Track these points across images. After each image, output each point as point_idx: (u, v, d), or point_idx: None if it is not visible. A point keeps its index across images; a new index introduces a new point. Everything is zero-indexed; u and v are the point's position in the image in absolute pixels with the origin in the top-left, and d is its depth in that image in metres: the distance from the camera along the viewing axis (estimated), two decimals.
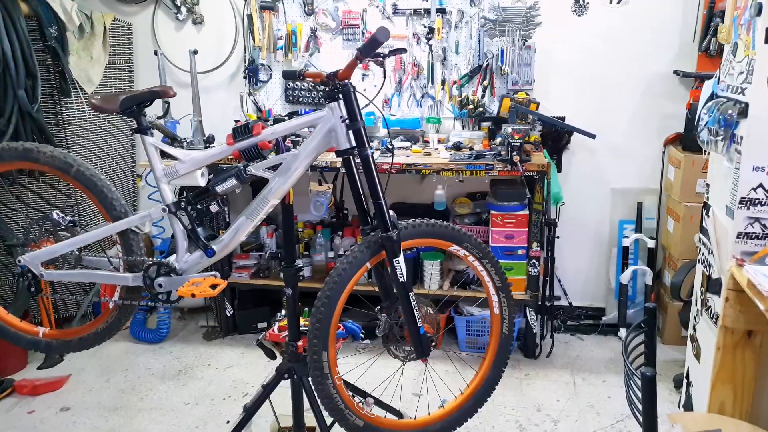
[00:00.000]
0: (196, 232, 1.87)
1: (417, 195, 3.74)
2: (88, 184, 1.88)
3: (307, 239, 3.65)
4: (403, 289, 1.80)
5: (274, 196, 1.82)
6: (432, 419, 1.99)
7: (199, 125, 3.36)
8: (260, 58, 3.68)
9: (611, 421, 2.76)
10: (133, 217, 1.89)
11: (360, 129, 1.75)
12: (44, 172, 1.91)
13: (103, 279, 1.96)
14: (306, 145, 1.79)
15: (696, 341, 1.90)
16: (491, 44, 3.43)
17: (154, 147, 1.87)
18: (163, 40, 3.81)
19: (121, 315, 2.02)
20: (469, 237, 1.92)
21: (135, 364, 3.34)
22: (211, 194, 1.84)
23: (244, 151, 1.79)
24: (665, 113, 3.41)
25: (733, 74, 1.65)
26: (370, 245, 1.80)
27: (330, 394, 1.78)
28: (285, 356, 2.29)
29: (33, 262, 1.92)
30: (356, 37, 3.58)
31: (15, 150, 1.88)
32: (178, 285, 1.87)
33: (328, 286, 1.75)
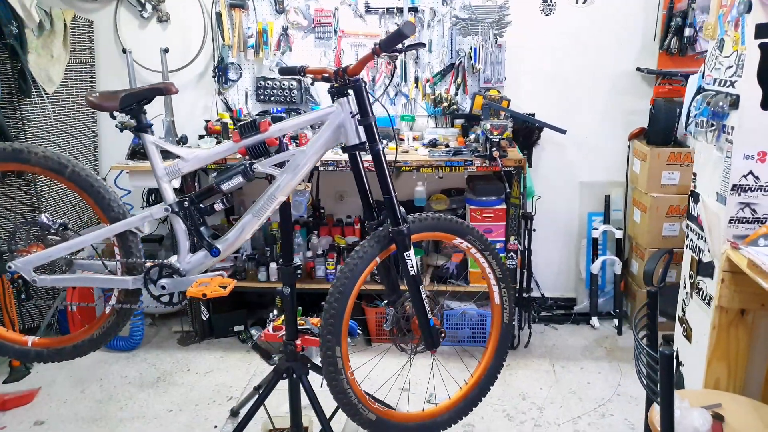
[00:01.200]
0: (200, 232, 1.83)
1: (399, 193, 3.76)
2: (83, 185, 1.81)
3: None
4: (414, 283, 1.82)
5: (282, 193, 1.81)
6: (439, 410, 2.01)
7: (172, 125, 3.28)
8: (230, 57, 3.62)
9: (594, 406, 2.86)
10: (133, 217, 1.83)
11: (371, 124, 1.76)
12: (35, 174, 1.81)
13: (101, 283, 1.89)
14: (314, 142, 1.78)
15: (686, 323, 2.00)
16: (463, 42, 3.49)
17: (154, 145, 1.82)
18: (127, 38, 3.68)
19: (119, 319, 1.95)
20: (471, 230, 1.96)
21: (109, 373, 3.22)
22: (216, 192, 1.81)
23: (250, 148, 1.76)
24: (629, 109, 3.56)
25: (720, 68, 1.75)
26: (380, 240, 1.81)
27: (344, 389, 1.78)
28: (282, 356, 2.27)
29: (25, 267, 1.83)
30: (328, 35, 3.57)
31: (2, 151, 1.78)
32: (182, 286, 1.83)
33: (339, 281, 1.75)
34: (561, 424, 2.73)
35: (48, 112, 3.36)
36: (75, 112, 3.60)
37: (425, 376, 2.82)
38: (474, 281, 3.33)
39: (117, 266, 1.89)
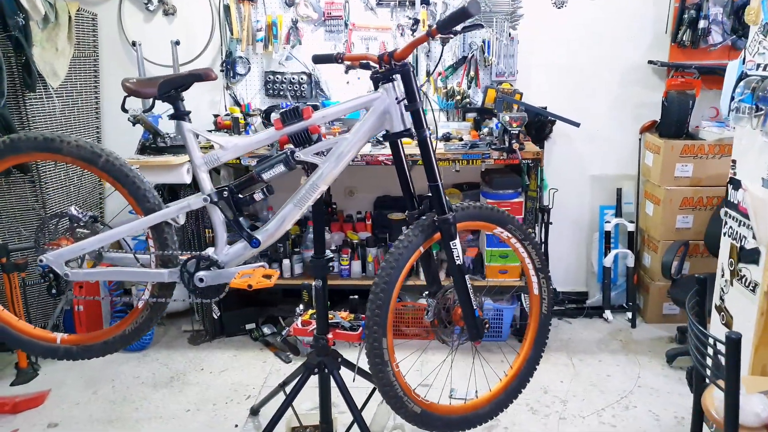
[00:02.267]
0: (239, 223, 1.78)
1: None
2: (118, 176, 1.75)
3: (293, 235, 3.55)
4: (459, 272, 1.79)
5: (324, 182, 1.76)
6: (481, 402, 1.99)
7: None
8: (238, 51, 3.56)
9: (616, 398, 2.86)
10: (170, 208, 1.77)
11: (419, 110, 1.72)
12: (66, 164, 1.75)
13: (136, 276, 1.83)
14: (358, 128, 1.75)
15: (725, 311, 2.00)
16: (475, 36, 3.47)
17: (192, 133, 1.76)
18: (131, 31, 3.61)
19: (152, 314, 1.89)
20: (512, 219, 1.94)
21: (120, 373, 3.14)
22: (257, 182, 1.76)
23: (292, 135, 1.72)
24: (640, 102, 3.57)
25: (765, 53, 1.75)
26: (424, 229, 1.77)
27: (390, 381, 1.74)
28: (313, 350, 2.23)
29: (57, 261, 1.76)
30: (339, 28, 3.53)
31: (34, 140, 1.71)
32: (222, 279, 1.78)
33: (385, 271, 1.71)
34: (585, 417, 2.72)
35: (54, 107, 3.26)
36: (79, 108, 3.52)
37: (443, 370, 2.81)
38: (490, 275, 3.31)
39: (151, 259, 1.83)
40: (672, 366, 3.12)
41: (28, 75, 3.11)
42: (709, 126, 3.37)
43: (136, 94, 1.75)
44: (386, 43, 3.52)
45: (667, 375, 3.05)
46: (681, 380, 3.00)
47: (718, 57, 3.40)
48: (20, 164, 2.41)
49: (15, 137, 1.72)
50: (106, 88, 3.69)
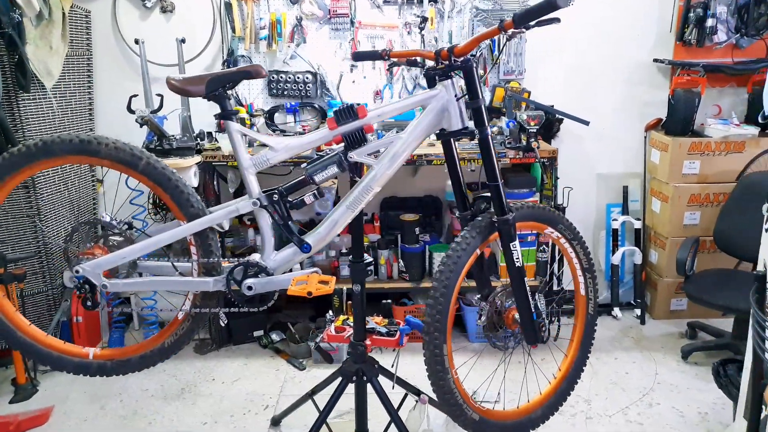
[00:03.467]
0: (289, 227, 1.70)
1: (409, 188, 3.69)
2: (159, 179, 1.64)
3: None
4: (518, 274, 1.75)
5: (378, 184, 1.70)
6: (533, 406, 1.95)
7: (188, 121, 3.09)
8: (240, 49, 3.45)
9: (638, 396, 2.86)
10: (216, 213, 1.68)
11: (481, 107, 1.67)
12: (103, 167, 1.64)
13: (178, 286, 1.73)
14: (415, 127, 1.69)
15: None
16: None
17: (240, 134, 1.67)
18: (127, 29, 3.47)
19: (193, 325, 1.79)
20: (562, 219, 1.91)
21: (127, 386, 3.00)
22: (308, 184, 1.68)
23: (346, 135, 1.65)
24: (645, 100, 3.60)
25: None
26: (482, 230, 1.72)
27: (451, 389, 1.69)
28: (349, 357, 2.16)
29: (94, 271, 1.65)
30: (345, 26, 3.45)
31: (69, 143, 1.60)
32: (272, 286, 1.70)
33: (443, 275, 1.66)
34: (612, 416, 2.71)
35: (49, 108, 3.11)
36: (72, 108, 3.36)
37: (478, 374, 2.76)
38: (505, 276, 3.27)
39: (193, 267, 1.73)
40: (687, 362, 3.15)
41: (23, 75, 2.95)
42: (714, 123, 3.42)
43: (182, 92, 1.65)
44: (393, 42, 3.47)
45: (683, 371, 3.08)
46: (698, 376, 3.03)
47: (721, 55, 3.45)
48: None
49: (48, 140, 1.60)
50: (100, 87, 3.54)
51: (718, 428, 2.64)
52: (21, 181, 1.68)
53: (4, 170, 1.62)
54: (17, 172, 1.62)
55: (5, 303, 1.73)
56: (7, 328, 1.72)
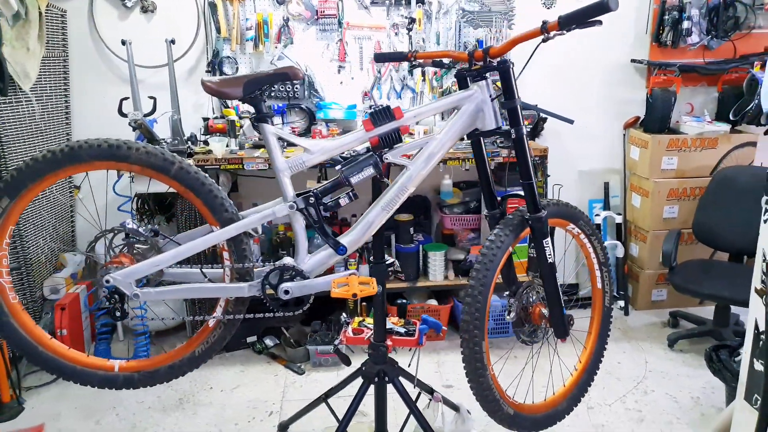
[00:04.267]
0: (325, 230, 1.68)
1: None
2: (192, 185, 1.60)
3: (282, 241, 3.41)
4: (550, 270, 1.79)
5: (413, 184, 1.70)
6: (558, 398, 2.00)
7: (179, 123, 3.02)
8: (226, 50, 3.39)
9: (633, 384, 2.96)
10: (252, 218, 1.64)
11: (516, 107, 1.70)
12: (133, 173, 1.57)
13: (212, 293, 1.68)
14: (450, 127, 1.70)
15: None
16: (468, 35, 3.49)
17: (276, 137, 1.64)
18: (105, 30, 3.35)
19: (225, 332, 1.75)
20: (582, 215, 1.96)
21: (121, 399, 2.90)
22: (345, 186, 1.67)
23: (383, 136, 1.65)
24: (623, 99, 3.73)
25: None
26: (514, 227, 1.75)
27: (489, 385, 1.71)
28: (369, 359, 2.15)
29: (126, 280, 1.58)
30: (332, 27, 3.44)
31: (97, 148, 1.53)
32: (310, 290, 1.67)
33: (480, 273, 1.68)
34: (611, 404, 2.80)
35: (28, 111, 2.97)
36: (48, 111, 3.22)
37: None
38: None
39: (225, 273, 1.69)
40: (674, 350, 3.28)
41: (0, 78, 2.81)
42: (689, 121, 3.58)
43: (219, 95, 1.61)
44: (381, 43, 3.48)
45: (671, 359, 3.21)
46: (685, 362, 3.16)
47: (693, 56, 3.61)
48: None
49: (75, 145, 1.53)
50: (77, 90, 3.41)
51: (711, 411, 2.76)
52: (44, 189, 1.60)
53: (27, 177, 1.54)
54: (41, 180, 1.55)
55: (25, 316, 1.65)
56: (27, 344, 1.64)
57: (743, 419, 2.32)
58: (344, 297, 1.59)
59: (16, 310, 1.63)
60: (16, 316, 1.63)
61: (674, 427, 2.67)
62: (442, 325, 2.20)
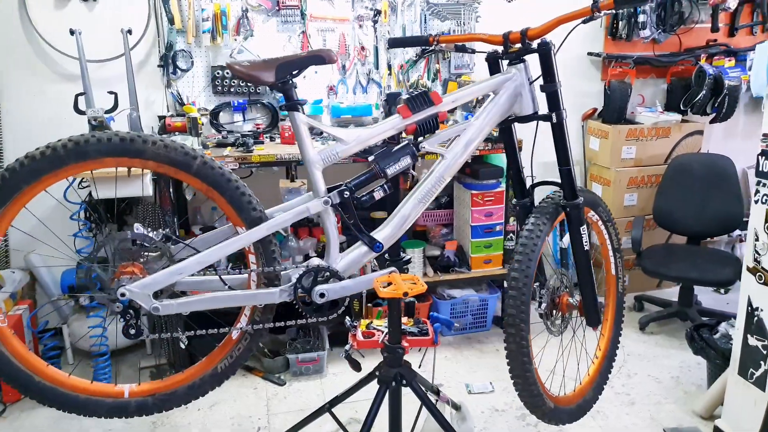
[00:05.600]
0: (359, 226, 1.56)
1: None
2: (217, 182, 1.42)
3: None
4: (585, 257, 1.76)
5: (450, 173, 1.62)
6: (585, 388, 1.98)
7: (138, 121, 2.76)
8: (181, 43, 3.15)
9: (616, 368, 2.93)
10: (284, 216, 1.48)
11: (557, 91, 1.65)
12: (148, 170, 1.37)
13: (241, 300, 1.50)
14: (487, 112, 1.63)
15: (764, 271, 2.20)
16: (432, 28, 3.44)
17: (306, 126, 1.49)
18: (40, 20, 3.01)
19: (251, 344, 1.57)
20: (602, 202, 1.95)
21: (85, 428, 2.61)
22: (380, 178, 1.55)
23: (422, 123, 1.54)
24: (580, 91, 3.81)
25: None
26: (550, 215, 1.71)
27: (535, 380, 1.65)
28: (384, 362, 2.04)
29: (144, 292, 1.38)
30: (294, 18, 3.28)
31: (107, 142, 1.32)
32: (348, 291, 1.54)
33: (523, 264, 1.61)
34: None
35: None
36: None
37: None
38: (475, 267, 3.32)
39: (251, 278, 1.53)
40: (645, 332, 3.39)
41: None
42: (643, 111, 3.71)
43: (251, 79, 1.44)
44: (345, 35, 3.36)
45: (644, 341, 3.31)
46: (658, 344, 3.27)
47: (644, 49, 3.75)
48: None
49: (80, 139, 1.32)
50: (6, 86, 3.05)
51: (692, 389, 2.86)
52: (41, 191, 1.37)
53: (21, 179, 1.31)
54: (37, 181, 1.32)
55: (15, 342, 1.41)
56: (20, 374, 1.40)
57: (738, 392, 2.41)
58: (394, 297, 1.47)
59: (6, 335, 1.39)
60: (6, 343, 1.39)
61: (662, 406, 2.74)
62: (453, 322, 2.12)
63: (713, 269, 3.18)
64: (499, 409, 2.74)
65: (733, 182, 3.41)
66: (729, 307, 3.68)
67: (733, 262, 3.22)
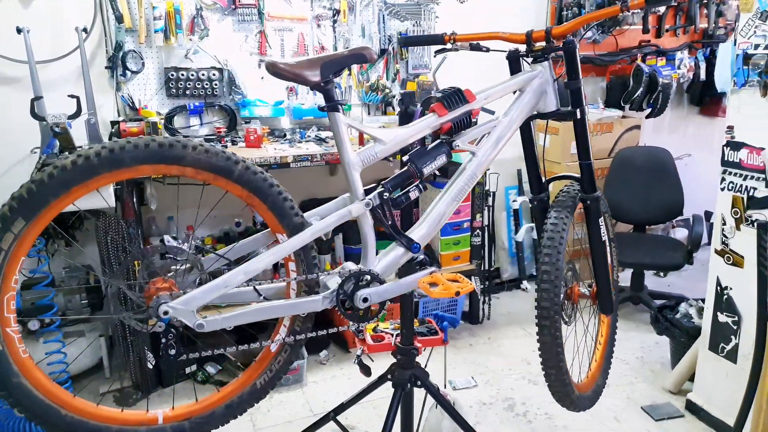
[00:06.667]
0: (397, 227, 1.52)
1: (326, 189, 3.52)
2: (259, 186, 1.32)
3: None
4: (603, 248, 1.81)
5: (482, 171, 1.62)
6: (595, 374, 2.03)
7: (97, 128, 2.56)
8: (130, 43, 2.95)
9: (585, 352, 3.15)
10: (327, 220, 1.40)
11: (581, 88, 1.69)
12: (184, 177, 1.25)
13: (283, 310, 1.41)
14: (516, 108, 1.65)
15: (731, 253, 2.38)
16: (391, 29, 3.44)
17: (347, 127, 1.43)
18: None
19: (291, 356, 1.49)
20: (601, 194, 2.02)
21: None
22: (417, 178, 1.52)
23: (457, 121, 1.53)
24: None
25: (765, 35, 2.14)
26: (570, 208, 1.75)
27: (566, 370, 1.69)
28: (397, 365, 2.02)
29: (188, 309, 1.27)
30: (251, 17, 3.16)
31: (144, 148, 1.20)
32: (389, 294, 1.50)
33: (552, 257, 1.64)
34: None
35: None
36: None
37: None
38: (445, 263, 3.35)
39: (291, 286, 1.45)
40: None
41: None
42: (588, 108, 3.90)
43: (297, 78, 1.34)
44: (304, 35, 3.28)
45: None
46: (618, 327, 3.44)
47: (586, 49, 3.95)
48: None
49: (115, 146, 1.19)
50: None
51: (657, 367, 3.05)
52: (69, 205, 1.22)
53: (49, 192, 1.16)
54: (66, 193, 1.18)
55: (38, 374, 1.25)
56: (46, 408, 1.25)
57: (709, 366, 2.60)
58: (446, 297, 1.45)
59: (28, 367, 1.24)
60: (28, 375, 1.23)
61: (636, 386, 2.89)
62: (458, 320, 2.12)
63: (665, 254, 3.40)
64: (487, 403, 2.78)
65: (672, 173, 3.67)
66: (671, 289, 3.97)
67: (680, 246, 3.46)
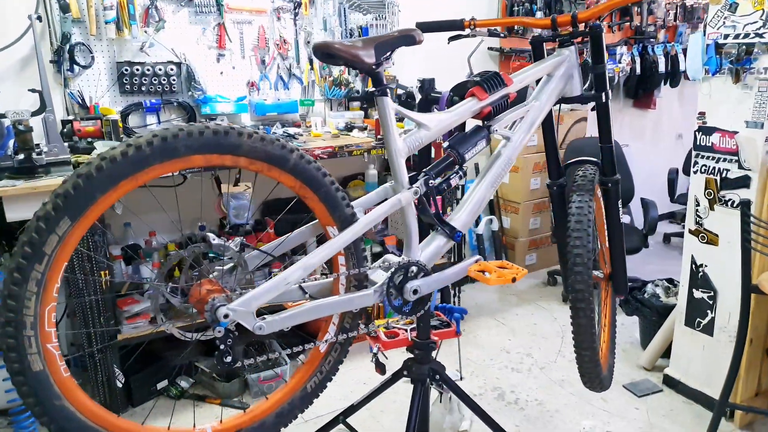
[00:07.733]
0: (440, 215, 1.47)
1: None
2: (313, 176, 1.22)
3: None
4: (620, 229, 1.84)
5: (516, 155, 1.60)
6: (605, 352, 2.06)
7: (54, 125, 2.32)
8: (78, 35, 2.71)
9: (559, 339, 3.25)
10: (377, 211, 1.32)
11: (605, 72, 1.70)
12: (234, 168, 1.12)
13: (338, 307, 1.30)
14: (547, 92, 1.63)
15: (705, 231, 2.51)
16: (353, 21, 3.38)
17: (394, 112, 1.36)
18: None
19: (341, 355, 1.39)
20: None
21: None
22: (458, 164, 1.47)
23: (495, 105, 1.50)
24: None
25: (737, 25, 2.27)
26: (591, 191, 1.76)
27: (599, 351, 1.71)
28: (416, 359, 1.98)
29: (247, 311, 1.14)
30: (209, 9, 3.00)
31: (199, 136, 1.07)
32: (437, 284, 1.44)
33: (583, 240, 1.64)
34: (556, 360, 3.03)
35: None
36: None
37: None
38: None
39: (340, 281, 1.35)
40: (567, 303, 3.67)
41: None
42: None
43: (352, 60, 1.24)
44: (265, 28, 3.15)
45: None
46: None
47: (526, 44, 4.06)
48: None
49: (167, 134, 1.05)
50: None
51: (628, 346, 3.17)
52: (115, 201, 1.07)
53: (96, 187, 1.02)
54: (114, 188, 1.04)
55: (81, 395, 1.10)
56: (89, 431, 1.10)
57: (685, 341, 2.73)
58: (503, 283, 1.42)
59: (70, 388, 1.09)
60: (70, 397, 1.08)
61: None
62: (466, 310, 2.11)
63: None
64: (477, 394, 2.78)
65: (622, 161, 3.84)
66: (630, 272, 4.15)
67: (637, 231, 3.63)
